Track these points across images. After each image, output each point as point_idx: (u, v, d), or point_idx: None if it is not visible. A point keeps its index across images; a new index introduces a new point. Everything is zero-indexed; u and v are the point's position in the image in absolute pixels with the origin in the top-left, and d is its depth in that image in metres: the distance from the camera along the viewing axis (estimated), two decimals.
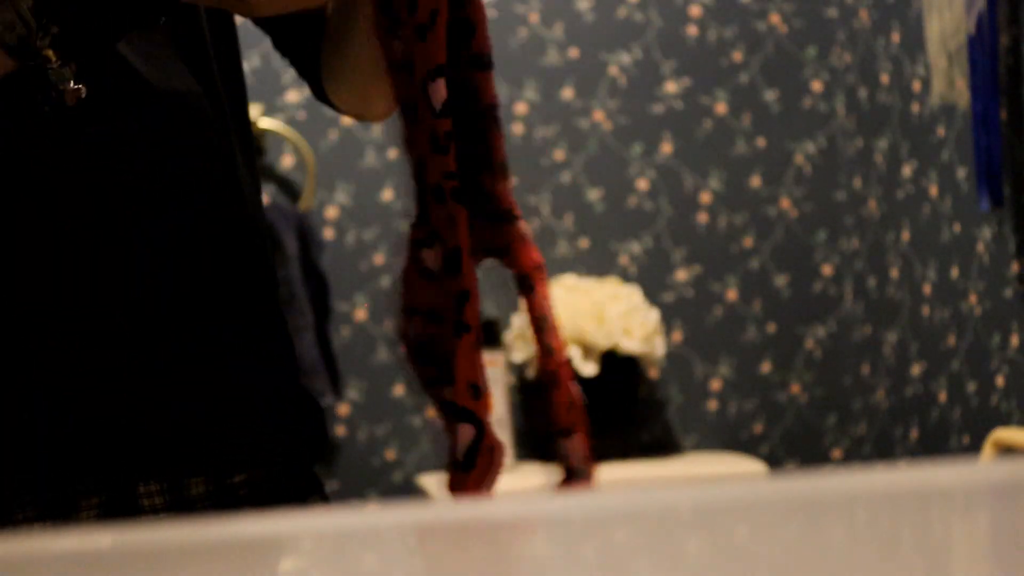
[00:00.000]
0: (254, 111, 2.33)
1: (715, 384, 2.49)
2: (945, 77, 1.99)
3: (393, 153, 2.42)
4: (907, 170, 2.29)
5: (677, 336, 2.48)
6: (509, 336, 2.34)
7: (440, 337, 0.84)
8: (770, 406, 2.50)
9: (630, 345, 2.26)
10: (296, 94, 2.39)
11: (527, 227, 0.87)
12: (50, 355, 0.83)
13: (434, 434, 2.41)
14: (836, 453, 2.51)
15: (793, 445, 2.50)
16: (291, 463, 0.99)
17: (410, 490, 2.38)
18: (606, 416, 2.32)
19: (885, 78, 2.35)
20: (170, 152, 0.87)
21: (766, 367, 2.50)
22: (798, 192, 2.50)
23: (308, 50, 0.98)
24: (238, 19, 0.96)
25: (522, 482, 2.26)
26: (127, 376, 0.85)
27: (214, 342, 0.88)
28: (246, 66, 2.38)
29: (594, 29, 2.47)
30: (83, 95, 0.76)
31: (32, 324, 0.83)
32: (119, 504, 0.85)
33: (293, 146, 2.37)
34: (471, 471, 0.82)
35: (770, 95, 2.50)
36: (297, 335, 2.24)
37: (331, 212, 2.40)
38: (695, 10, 2.48)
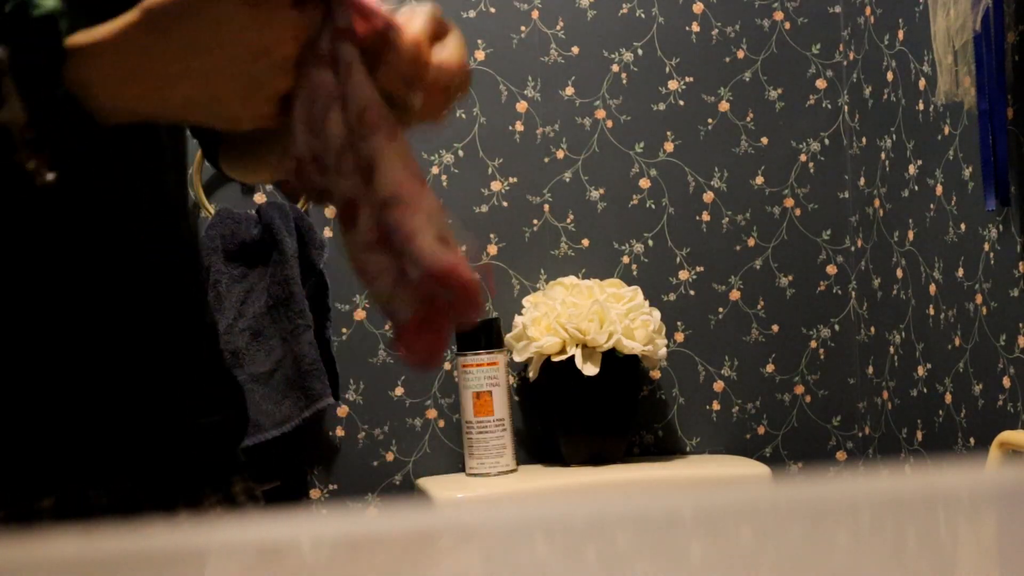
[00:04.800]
0: None
1: (718, 385, 2.47)
2: (951, 75, 1.98)
3: None
4: (912, 169, 2.28)
5: (679, 336, 2.46)
6: (509, 336, 2.33)
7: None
8: (774, 407, 2.48)
9: (632, 346, 2.25)
10: None
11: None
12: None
13: (434, 435, 2.40)
14: (840, 455, 2.50)
15: (797, 447, 2.49)
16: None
17: (410, 492, 2.37)
18: (608, 417, 2.31)
19: (890, 76, 2.34)
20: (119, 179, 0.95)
21: (770, 368, 2.48)
22: (802, 191, 2.49)
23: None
24: None
25: (523, 484, 2.24)
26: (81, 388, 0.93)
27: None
28: None
29: (596, 26, 2.45)
30: (52, 180, 0.83)
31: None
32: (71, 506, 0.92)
33: None
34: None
35: (773, 93, 2.49)
36: (296, 335, 2.22)
37: (330, 211, 2.38)
38: (698, 7, 2.47)
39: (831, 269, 2.50)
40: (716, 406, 2.47)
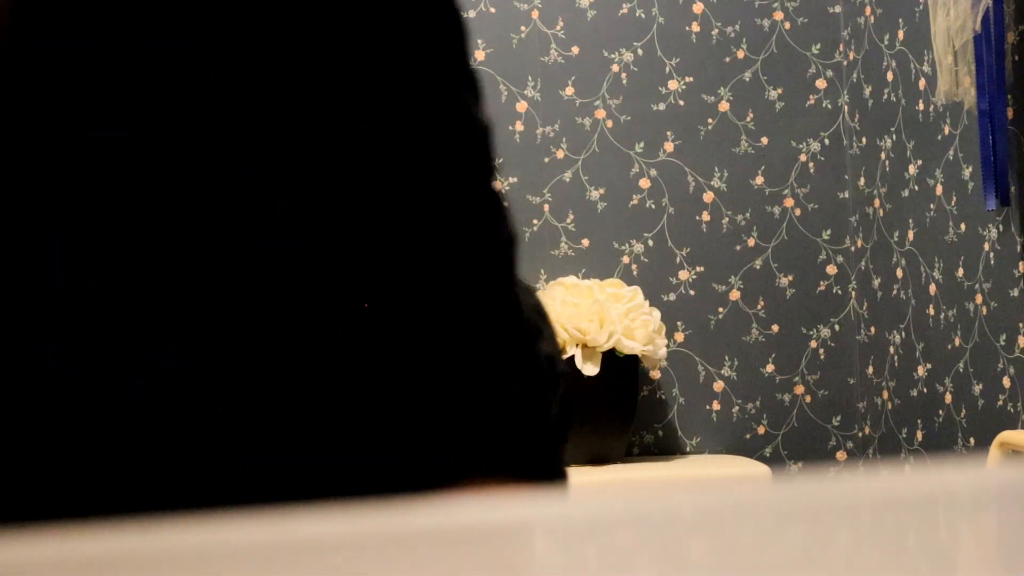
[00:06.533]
0: None
1: (718, 385, 2.47)
2: (951, 75, 1.98)
3: None
4: (912, 169, 2.28)
5: (679, 336, 2.46)
6: None
7: None
8: (773, 407, 2.48)
9: (632, 346, 2.25)
10: None
11: None
12: None
13: None
14: (840, 455, 2.50)
15: (797, 447, 2.48)
16: None
17: None
18: (608, 417, 2.31)
19: (890, 76, 2.34)
20: None
21: (770, 368, 2.48)
22: (802, 191, 2.49)
23: None
24: None
25: None
26: None
27: None
28: None
29: (596, 26, 2.45)
30: None
31: None
32: None
33: None
34: None
35: (773, 93, 2.49)
36: None
37: None
38: (698, 7, 2.47)
39: (831, 269, 2.50)
40: (716, 406, 2.47)
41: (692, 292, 2.47)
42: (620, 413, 2.33)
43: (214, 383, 0.94)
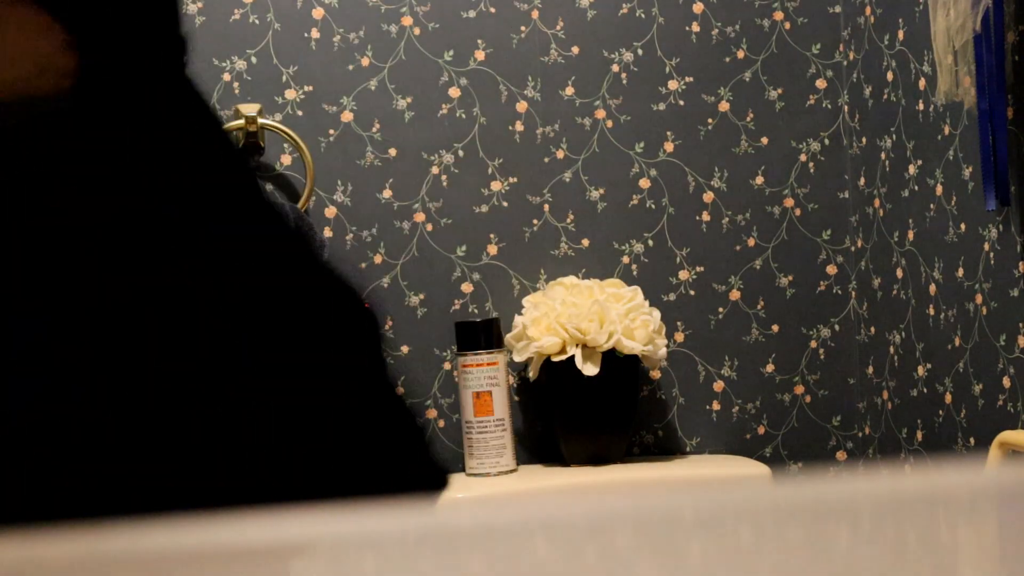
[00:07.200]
0: (252, 109, 2.32)
1: (718, 385, 2.47)
2: (951, 75, 1.98)
3: (393, 152, 2.40)
4: (912, 169, 2.28)
5: (679, 336, 2.46)
6: (509, 336, 2.33)
7: None
8: (774, 407, 2.48)
9: (632, 346, 2.25)
10: (294, 92, 2.37)
11: None
12: None
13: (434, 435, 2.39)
14: (840, 455, 2.50)
15: (797, 447, 2.48)
16: None
17: None
18: (607, 417, 2.31)
19: (890, 76, 2.34)
20: None
21: (770, 368, 2.48)
22: (802, 191, 2.49)
23: None
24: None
25: (523, 484, 2.24)
26: None
27: None
28: (243, 64, 2.37)
29: (596, 26, 2.45)
30: None
31: None
32: None
33: (291, 144, 2.35)
34: None
35: (773, 93, 2.48)
36: None
37: (330, 211, 2.38)
38: (698, 7, 2.47)
39: (831, 269, 2.50)
40: (716, 406, 2.47)
41: (692, 292, 2.46)
42: (620, 413, 2.33)
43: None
